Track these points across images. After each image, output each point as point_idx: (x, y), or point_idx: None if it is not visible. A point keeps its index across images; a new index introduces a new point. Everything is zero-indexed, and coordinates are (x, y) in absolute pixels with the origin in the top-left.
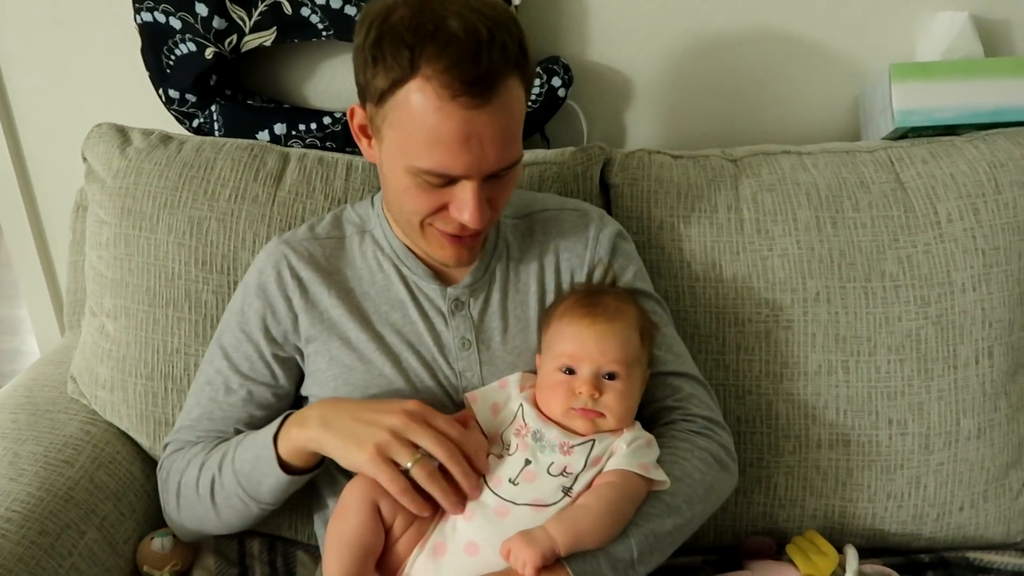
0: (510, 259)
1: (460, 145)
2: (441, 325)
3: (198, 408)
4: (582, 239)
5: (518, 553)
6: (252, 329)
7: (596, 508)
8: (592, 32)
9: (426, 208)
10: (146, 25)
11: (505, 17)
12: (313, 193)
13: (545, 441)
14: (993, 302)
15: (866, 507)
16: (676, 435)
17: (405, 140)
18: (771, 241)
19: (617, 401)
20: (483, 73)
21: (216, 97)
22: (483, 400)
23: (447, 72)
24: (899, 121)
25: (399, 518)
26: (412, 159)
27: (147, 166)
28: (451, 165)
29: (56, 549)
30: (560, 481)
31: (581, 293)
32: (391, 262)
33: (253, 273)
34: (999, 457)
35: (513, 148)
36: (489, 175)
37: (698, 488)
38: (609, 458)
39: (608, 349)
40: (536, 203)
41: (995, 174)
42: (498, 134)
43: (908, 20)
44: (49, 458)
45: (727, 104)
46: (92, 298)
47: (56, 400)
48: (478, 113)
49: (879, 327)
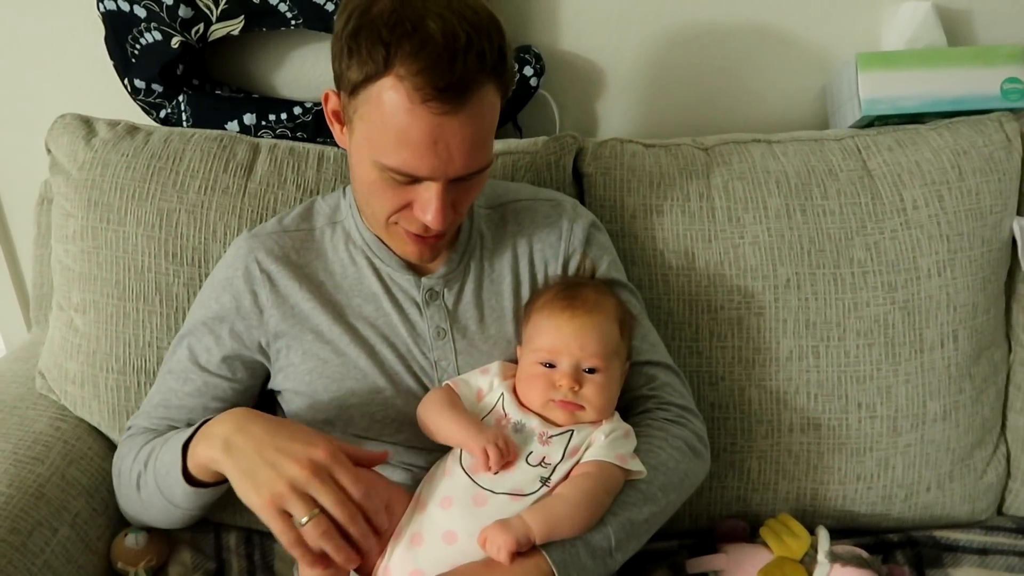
0: (484, 249)
1: (427, 148)
2: (416, 315)
3: (157, 395)
4: (556, 229)
5: (493, 539)
6: (215, 324)
7: (572, 498)
8: (564, 21)
9: (390, 205)
10: (110, 14)
11: (487, 22)
12: (284, 184)
13: (525, 432)
14: (957, 287)
15: (836, 489)
16: (651, 424)
17: (374, 135)
18: (742, 229)
19: (597, 394)
20: (456, 80)
21: (183, 87)
22: (465, 386)
23: (420, 75)
24: (865, 109)
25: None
26: (379, 155)
27: (114, 157)
28: (416, 166)
29: (28, 547)
30: (538, 471)
31: (561, 286)
32: (363, 254)
33: (221, 268)
34: (964, 438)
35: (482, 155)
36: (455, 179)
37: (673, 476)
38: (587, 449)
39: (587, 343)
40: (509, 193)
41: (959, 161)
42: (467, 141)
43: (873, 10)
44: (19, 455)
45: (698, 93)
46: (59, 292)
47: (24, 396)
48: (448, 119)
49: (848, 312)
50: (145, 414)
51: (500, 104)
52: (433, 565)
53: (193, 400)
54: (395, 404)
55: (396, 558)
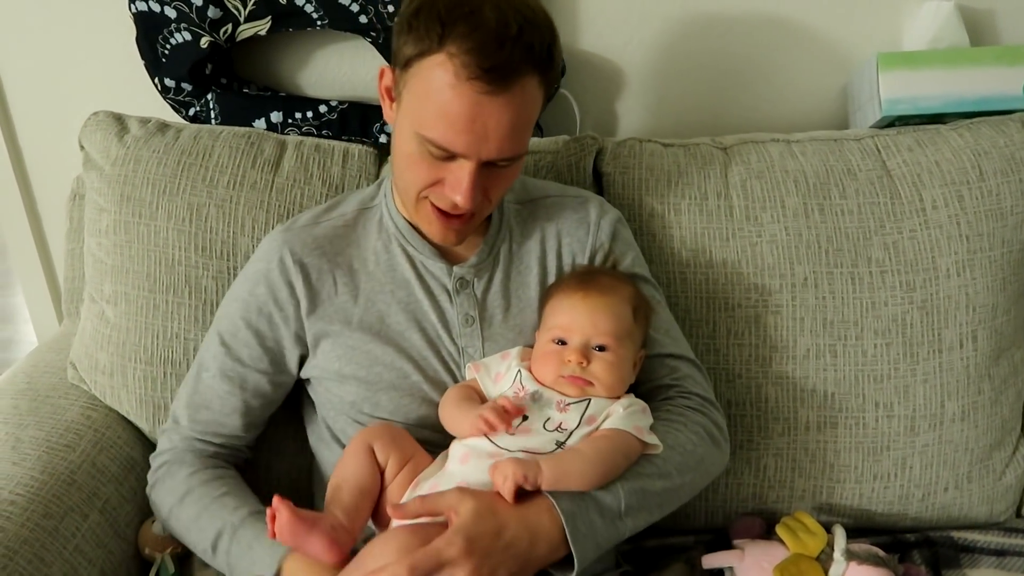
0: (513, 242)
1: (466, 124)
2: (446, 303)
3: (196, 396)
4: (584, 225)
5: (503, 468)
6: (253, 317)
7: (587, 453)
8: (584, 21)
9: (424, 178)
10: (141, 14)
11: (541, 20)
12: (310, 179)
13: (543, 400)
14: (977, 287)
15: (853, 488)
16: (672, 409)
17: (418, 107)
18: (760, 227)
19: (605, 371)
20: (502, 63)
21: (212, 86)
22: (485, 370)
23: (469, 54)
24: (886, 109)
25: (392, 456)
26: (420, 126)
27: (145, 153)
28: (453, 141)
29: (60, 531)
30: (554, 435)
31: (578, 272)
32: (396, 242)
33: (255, 262)
34: (983, 439)
35: (517, 142)
36: (488, 162)
37: (689, 458)
38: (605, 419)
39: (599, 321)
40: (538, 189)
41: (979, 162)
42: (504, 124)
43: (895, 9)
44: (51, 443)
45: (718, 93)
46: (91, 284)
47: (56, 386)
48: (489, 99)
49: (866, 312)
50: (186, 421)
51: (542, 102)
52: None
53: (235, 399)
54: (422, 389)
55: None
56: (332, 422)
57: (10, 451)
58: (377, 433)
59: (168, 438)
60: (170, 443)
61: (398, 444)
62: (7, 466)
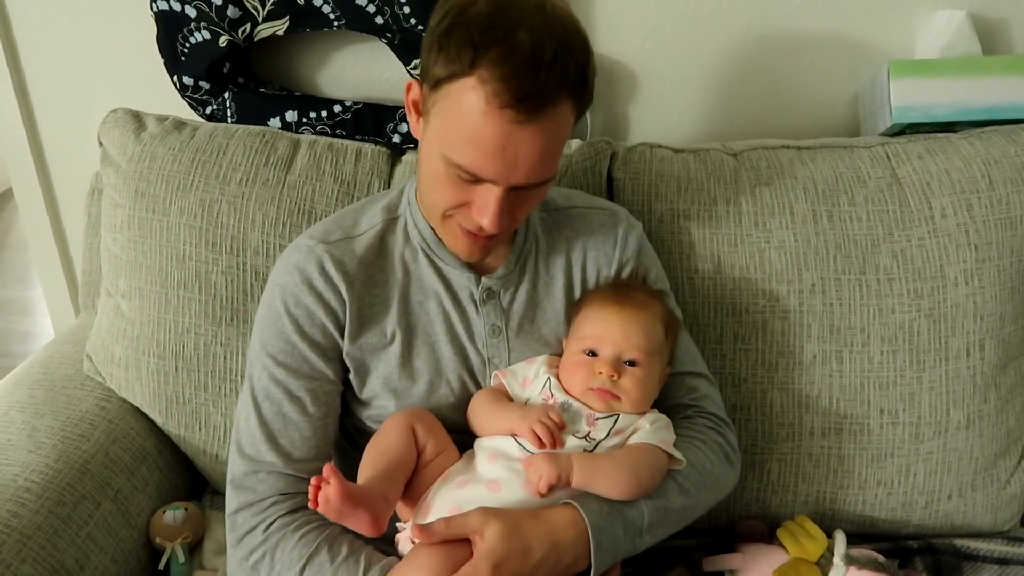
0: (539, 253)
1: (495, 152)
2: (473, 313)
3: (263, 429)
4: (611, 238)
5: (539, 467)
6: (306, 326)
7: (621, 459)
8: (596, 26)
9: (451, 200)
10: (162, 13)
11: (577, 41)
12: (323, 177)
13: (572, 411)
14: (985, 296)
15: (856, 494)
16: (691, 427)
17: (447, 130)
18: (768, 233)
19: (634, 386)
20: (535, 91)
21: (229, 84)
22: (512, 375)
23: (502, 81)
24: (897, 117)
25: (430, 443)
26: (448, 150)
27: (161, 151)
28: (482, 168)
29: (73, 519)
30: (582, 444)
31: (612, 285)
32: (422, 252)
33: (291, 273)
34: (988, 447)
35: (547, 167)
36: (517, 187)
37: (707, 477)
38: (632, 433)
39: (632, 335)
40: (565, 199)
41: (989, 171)
42: (535, 152)
43: (907, 18)
44: (66, 432)
45: (729, 99)
46: (108, 279)
47: (72, 377)
48: (521, 128)
49: (873, 319)
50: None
51: (573, 123)
52: (473, 505)
53: (309, 419)
54: (449, 401)
55: (440, 495)
56: (349, 423)
57: (26, 439)
58: (419, 416)
59: (250, 490)
60: (255, 495)
61: (436, 433)
62: (23, 454)
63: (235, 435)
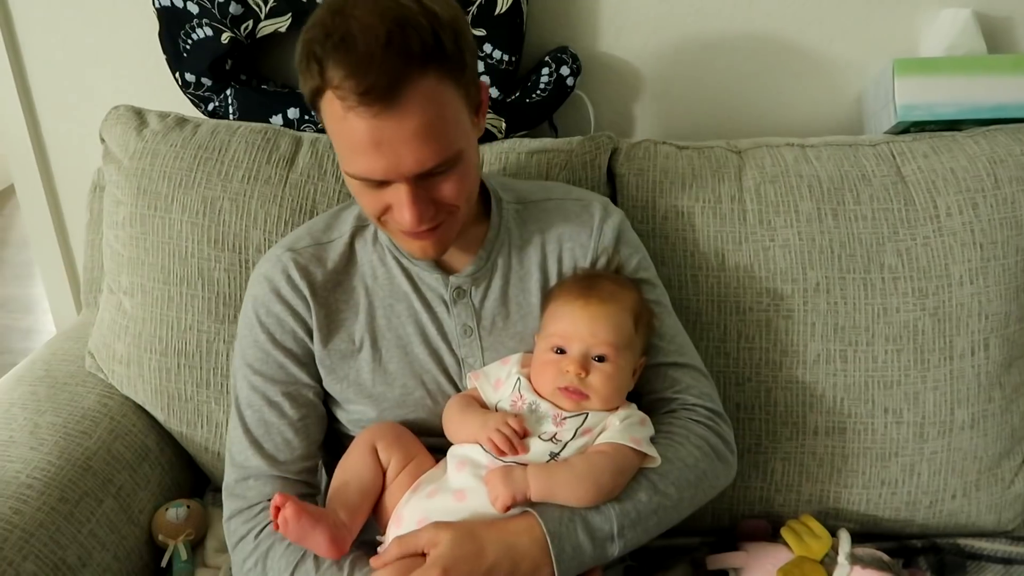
0: (512, 247)
1: (372, 151)
2: (444, 313)
3: (247, 436)
4: (587, 228)
5: (493, 488)
6: (277, 334)
7: (578, 467)
8: (601, 23)
9: (374, 208)
10: (164, 9)
11: (415, 11)
12: (324, 175)
13: (540, 412)
14: (990, 295)
15: (860, 493)
16: (674, 422)
17: (336, 144)
18: (773, 232)
19: (603, 383)
20: (377, 81)
21: (231, 81)
22: (485, 377)
23: (344, 83)
24: (901, 115)
25: (394, 458)
26: (343, 163)
27: (163, 148)
28: (371, 170)
29: (75, 516)
30: (548, 446)
31: (579, 276)
32: (391, 255)
33: (261, 283)
34: (992, 447)
35: (436, 147)
36: (422, 175)
37: (689, 473)
38: (601, 432)
39: (599, 331)
40: (541, 192)
41: (995, 170)
42: (411, 138)
43: (912, 16)
44: (68, 429)
45: (733, 96)
46: (110, 276)
47: (74, 374)
48: (383, 120)
49: (877, 318)
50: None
51: (459, 88)
52: (440, 516)
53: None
54: (426, 403)
55: (410, 506)
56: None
57: (28, 436)
58: (381, 432)
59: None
60: (245, 501)
61: (401, 444)
62: (25, 451)
63: (227, 443)
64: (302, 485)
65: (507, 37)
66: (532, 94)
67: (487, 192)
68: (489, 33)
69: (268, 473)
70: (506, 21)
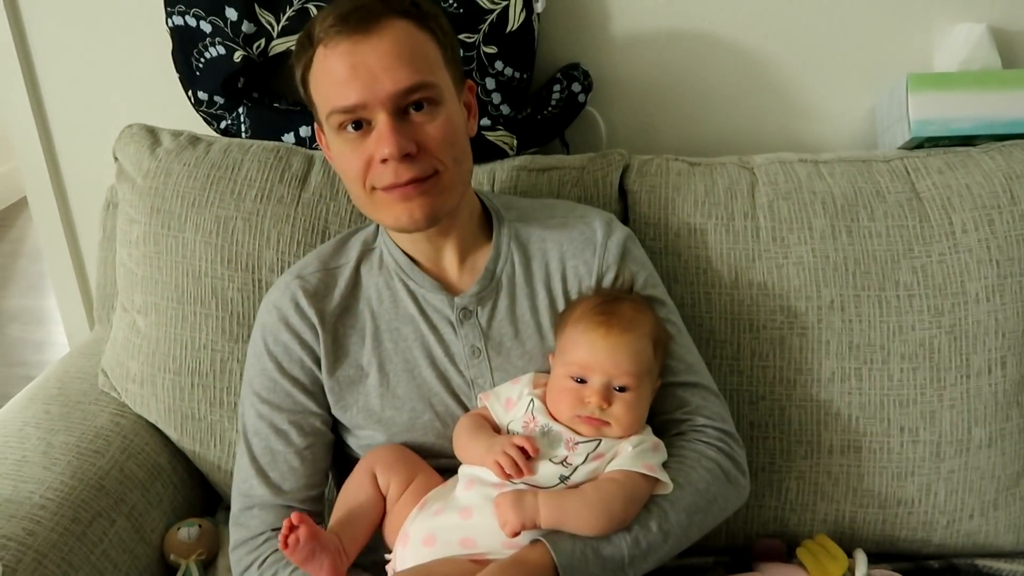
0: (516, 266)
1: (350, 74)
2: (450, 335)
3: (253, 465)
4: (591, 245)
5: (503, 513)
6: (285, 363)
7: (589, 495)
8: (612, 39)
9: (359, 163)
10: (177, 28)
11: None
12: (336, 195)
13: (552, 435)
14: (1007, 312)
15: (876, 513)
16: (684, 445)
17: (320, 100)
18: (787, 249)
19: (625, 412)
20: (355, 9)
21: (244, 99)
22: (495, 397)
23: (327, 19)
24: (915, 131)
25: (393, 481)
26: (325, 108)
27: (176, 167)
28: (348, 95)
29: (88, 536)
30: (559, 469)
31: (599, 300)
32: (397, 277)
33: (270, 311)
34: (1010, 466)
35: (411, 69)
36: (402, 109)
37: (700, 499)
38: (613, 458)
39: (621, 361)
40: (543, 209)
41: (1011, 185)
42: (385, 57)
43: (926, 31)
44: (81, 448)
45: (745, 112)
46: (123, 294)
47: (87, 392)
48: (360, 44)
49: (892, 335)
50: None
51: (436, 46)
52: (446, 534)
53: (296, 450)
54: (435, 427)
55: (417, 523)
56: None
57: (41, 456)
58: (378, 457)
59: (244, 526)
60: (249, 531)
61: (400, 466)
62: (38, 471)
63: (234, 472)
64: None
65: (519, 54)
66: (543, 111)
67: (488, 212)
68: (501, 50)
69: (272, 502)
70: (518, 38)
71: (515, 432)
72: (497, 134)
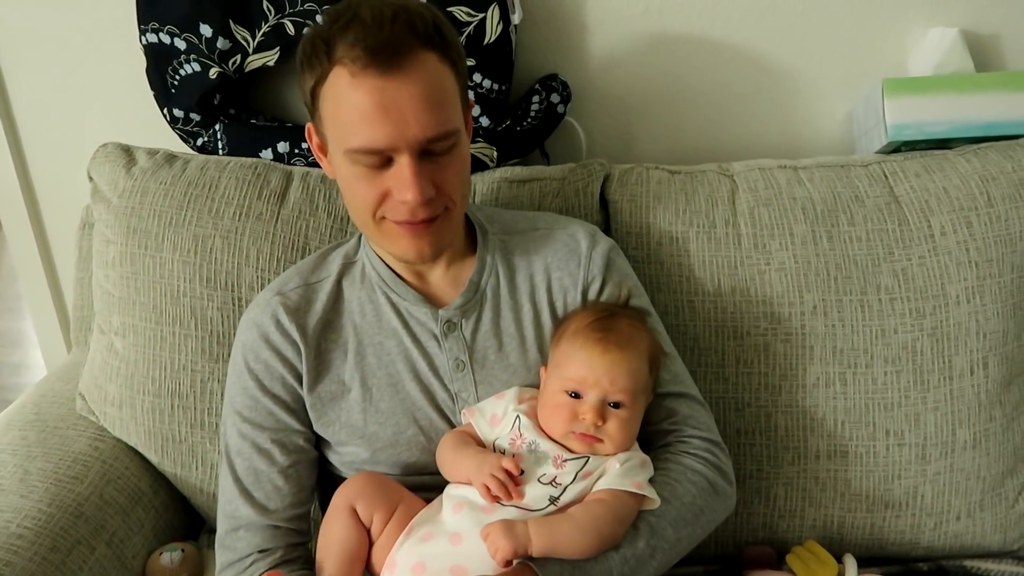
0: (500, 278)
1: (379, 115)
2: (434, 348)
3: (237, 485)
4: (575, 257)
5: (494, 541)
6: (266, 381)
7: (580, 520)
8: (590, 49)
9: (372, 195)
10: (151, 46)
11: (416, 6)
12: (316, 211)
13: (540, 452)
14: (987, 313)
15: (864, 517)
16: (669, 458)
17: (337, 126)
18: (768, 255)
19: (619, 429)
20: (386, 42)
21: (220, 116)
22: (480, 413)
23: (355, 47)
24: (892, 135)
25: (376, 514)
26: (344, 142)
27: (152, 185)
28: (376, 138)
29: (67, 565)
30: (548, 490)
31: (596, 314)
32: (380, 290)
33: (250, 329)
34: (995, 466)
35: (439, 116)
36: (424, 150)
37: (686, 512)
38: (601, 475)
39: (617, 378)
40: (526, 222)
41: (987, 187)
42: (416, 100)
43: (900, 36)
44: (59, 474)
45: (724, 119)
46: (100, 316)
47: (65, 417)
48: (391, 82)
49: (875, 339)
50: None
51: (454, 77)
52: (436, 561)
53: (280, 469)
54: (419, 440)
55: (404, 550)
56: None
57: (18, 483)
58: (357, 489)
59: (231, 549)
60: (235, 554)
61: (381, 495)
62: (15, 499)
63: (219, 493)
64: (293, 533)
65: (496, 66)
66: (523, 122)
67: (472, 225)
68: (479, 62)
69: (258, 523)
70: (495, 50)
71: (502, 451)
72: (477, 146)
